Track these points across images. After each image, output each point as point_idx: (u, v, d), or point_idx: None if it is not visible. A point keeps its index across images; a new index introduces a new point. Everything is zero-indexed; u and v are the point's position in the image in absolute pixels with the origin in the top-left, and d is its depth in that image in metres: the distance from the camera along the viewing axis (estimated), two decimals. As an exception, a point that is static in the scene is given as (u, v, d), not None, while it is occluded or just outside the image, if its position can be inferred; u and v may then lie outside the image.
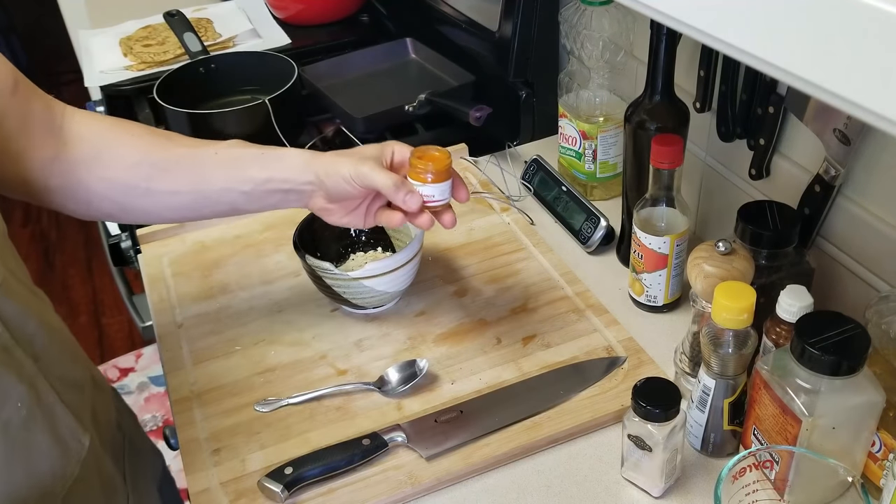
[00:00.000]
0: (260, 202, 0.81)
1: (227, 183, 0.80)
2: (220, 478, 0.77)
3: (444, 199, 0.78)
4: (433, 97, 1.24)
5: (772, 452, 0.67)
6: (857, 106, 0.34)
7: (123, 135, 0.80)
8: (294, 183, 0.79)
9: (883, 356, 0.67)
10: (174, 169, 0.79)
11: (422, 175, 0.76)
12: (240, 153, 0.81)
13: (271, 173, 0.79)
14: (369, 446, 0.77)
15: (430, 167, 0.76)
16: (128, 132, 0.80)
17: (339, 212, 0.82)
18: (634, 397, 0.70)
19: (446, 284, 0.99)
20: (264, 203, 0.82)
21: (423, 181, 0.76)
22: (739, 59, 0.40)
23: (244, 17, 1.70)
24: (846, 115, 0.72)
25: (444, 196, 0.78)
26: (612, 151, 1.09)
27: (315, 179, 0.79)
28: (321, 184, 0.79)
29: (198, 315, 0.97)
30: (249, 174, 0.79)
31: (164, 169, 0.79)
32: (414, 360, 0.86)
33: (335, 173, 0.77)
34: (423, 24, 1.47)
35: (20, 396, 0.63)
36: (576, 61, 1.10)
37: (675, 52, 0.86)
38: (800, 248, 0.81)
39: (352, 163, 0.77)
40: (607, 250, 1.04)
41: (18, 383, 0.63)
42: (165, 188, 0.79)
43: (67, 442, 0.68)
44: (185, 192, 0.80)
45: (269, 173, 0.79)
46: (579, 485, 0.76)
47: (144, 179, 0.79)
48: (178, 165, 0.79)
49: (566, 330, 0.91)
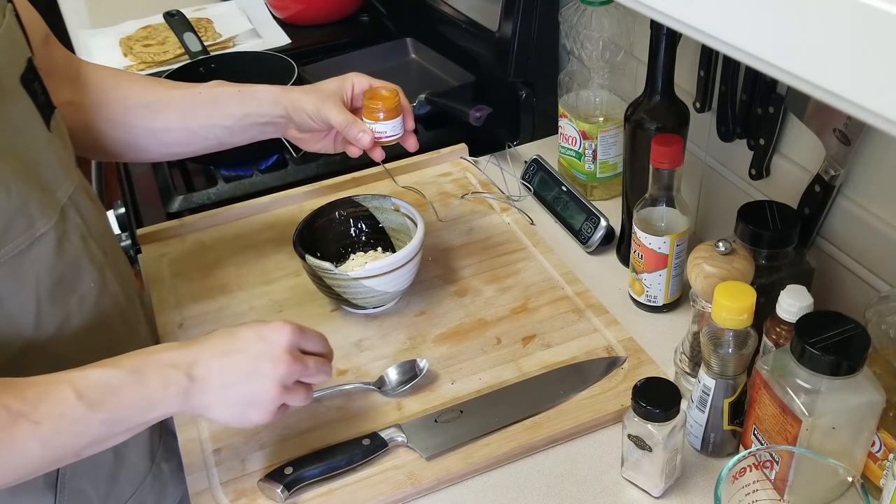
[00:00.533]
0: (241, 135, 0.91)
1: (211, 119, 0.90)
2: (220, 478, 0.77)
3: (396, 133, 0.88)
4: (433, 97, 1.24)
5: (772, 452, 0.67)
6: (857, 106, 0.34)
7: (123, 81, 0.91)
8: (269, 116, 0.89)
9: (883, 356, 0.67)
10: (165, 109, 0.89)
11: (374, 114, 0.85)
12: (219, 92, 0.91)
13: (249, 109, 0.89)
14: (369, 446, 0.77)
15: (380, 105, 0.85)
16: (127, 79, 0.92)
17: (310, 140, 0.93)
18: (634, 397, 0.70)
19: (446, 284, 0.99)
20: (246, 135, 0.92)
21: (375, 119, 0.86)
22: (739, 59, 0.40)
23: (244, 17, 1.70)
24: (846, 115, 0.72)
25: (396, 131, 0.87)
26: (612, 151, 1.09)
27: (285, 113, 0.88)
28: (290, 117, 0.88)
29: (198, 315, 0.97)
30: (229, 110, 0.89)
31: (156, 109, 0.89)
32: (414, 360, 0.86)
33: (300, 109, 0.86)
34: (423, 24, 1.47)
35: (93, 278, 0.75)
36: (576, 61, 1.10)
37: (675, 52, 0.86)
38: (800, 248, 0.81)
39: (314, 99, 0.86)
40: (607, 250, 1.04)
41: (91, 268, 0.75)
42: (159, 126, 0.90)
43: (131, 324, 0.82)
44: (176, 129, 0.90)
45: (247, 109, 0.89)
46: (579, 485, 0.76)
47: (141, 119, 0.89)
48: (169, 106, 0.90)
49: (566, 330, 0.91)
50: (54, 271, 0.71)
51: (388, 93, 0.86)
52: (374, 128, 0.86)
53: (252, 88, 0.90)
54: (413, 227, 0.94)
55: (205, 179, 1.25)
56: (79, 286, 0.74)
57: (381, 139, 0.87)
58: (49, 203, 0.71)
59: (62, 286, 0.72)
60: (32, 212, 0.68)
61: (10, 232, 0.67)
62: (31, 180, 0.69)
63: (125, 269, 0.85)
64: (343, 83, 0.89)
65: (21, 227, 0.67)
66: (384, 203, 0.99)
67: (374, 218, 1.00)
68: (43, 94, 0.74)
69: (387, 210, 0.99)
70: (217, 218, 1.12)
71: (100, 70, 0.91)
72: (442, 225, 1.09)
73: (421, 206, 1.09)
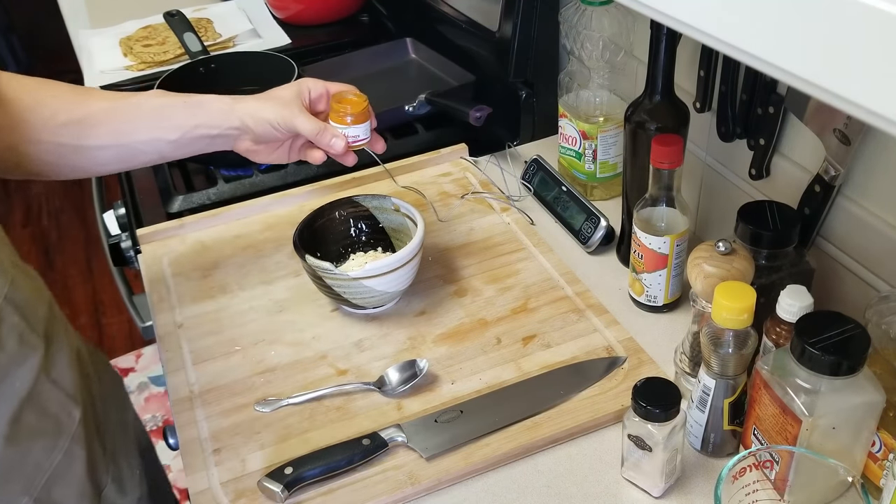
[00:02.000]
0: (186, 148, 0.85)
1: (154, 133, 0.83)
2: (220, 478, 0.77)
3: (366, 137, 0.88)
4: (433, 97, 1.24)
5: (772, 452, 0.67)
6: (857, 106, 0.34)
7: (46, 96, 0.80)
8: (221, 128, 0.84)
9: (883, 356, 0.67)
10: (99, 125, 0.81)
11: (343, 118, 0.85)
12: (163, 103, 0.84)
13: (198, 120, 0.83)
14: (369, 446, 0.77)
15: (348, 109, 0.85)
16: (50, 93, 0.81)
17: (264, 152, 0.88)
18: (634, 397, 0.70)
19: (446, 284, 0.99)
20: (191, 149, 0.86)
21: (345, 123, 0.85)
22: (739, 59, 0.40)
23: (244, 17, 1.70)
24: (846, 115, 0.72)
25: (366, 134, 0.87)
26: (612, 151, 1.09)
27: (241, 124, 0.84)
28: (247, 128, 0.84)
29: (198, 315, 0.97)
30: (176, 122, 0.83)
31: (89, 125, 0.81)
32: (414, 360, 0.86)
33: (262, 119, 0.83)
34: (423, 24, 1.47)
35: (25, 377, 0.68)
36: (576, 61, 1.10)
37: (675, 52, 0.86)
38: (800, 248, 0.81)
39: (275, 108, 0.83)
40: (607, 250, 1.04)
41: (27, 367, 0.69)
42: (92, 143, 0.81)
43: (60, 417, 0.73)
44: (113, 146, 0.82)
45: (197, 120, 0.83)
46: (579, 485, 0.76)
47: (72, 137, 0.80)
48: (103, 121, 0.81)
49: (566, 330, 0.91)
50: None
51: (355, 97, 0.86)
52: (346, 132, 0.85)
53: (199, 98, 0.85)
54: (413, 227, 0.94)
55: (205, 179, 1.25)
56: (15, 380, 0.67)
57: (354, 143, 0.87)
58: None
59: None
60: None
61: None
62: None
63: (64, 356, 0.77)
64: (300, 89, 0.86)
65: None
66: (384, 203, 0.99)
67: (374, 218, 1.00)
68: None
69: (387, 210, 0.99)
70: (217, 218, 1.12)
71: (18, 85, 0.80)
72: (442, 225, 1.09)
73: (421, 206, 1.09)
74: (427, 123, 1.29)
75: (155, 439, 2.12)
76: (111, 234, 1.23)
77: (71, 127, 0.80)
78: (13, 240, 0.72)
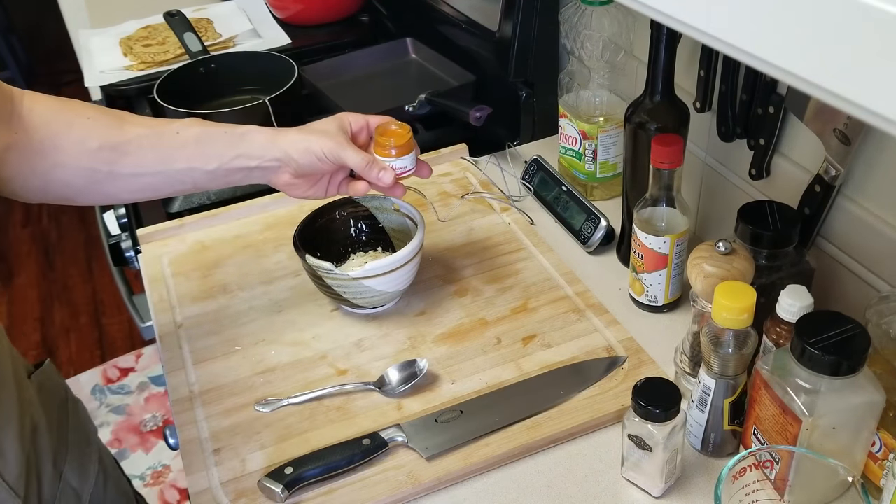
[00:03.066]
0: (222, 179, 0.82)
1: (191, 162, 0.80)
2: (221, 478, 0.77)
3: (413, 167, 0.86)
4: (433, 97, 1.24)
5: (772, 452, 0.67)
6: (857, 106, 0.34)
7: (78, 118, 0.77)
8: (262, 159, 0.81)
9: (883, 356, 0.67)
10: (136, 151, 0.79)
11: (388, 151, 0.83)
12: (202, 132, 0.81)
13: (239, 151, 0.81)
14: (369, 446, 0.77)
15: (393, 142, 0.83)
16: (82, 115, 0.78)
17: (303, 186, 0.86)
18: (634, 397, 0.70)
19: (446, 284, 0.99)
20: (227, 180, 0.83)
21: (390, 156, 0.84)
22: (739, 59, 0.40)
23: (244, 17, 1.70)
24: (846, 115, 0.72)
25: (413, 164, 0.86)
26: (612, 151, 1.09)
27: (283, 156, 0.81)
28: (290, 160, 0.81)
29: (198, 315, 0.97)
30: (216, 151, 0.80)
31: (125, 152, 0.78)
32: (414, 360, 0.86)
33: (307, 150, 0.81)
34: (423, 24, 1.47)
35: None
36: (576, 61, 1.10)
37: (675, 52, 0.86)
38: (800, 248, 0.81)
39: (322, 140, 0.81)
40: (607, 250, 1.04)
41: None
42: (128, 171, 0.79)
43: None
44: (149, 174, 0.80)
45: (237, 151, 0.81)
46: (579, 485, 0.76)
47: (106, 163, 0.78)
48: (140, 147, 0.79)
49: (566, 330, 0.91)
50: None
51: (398, 128, 0.85)
52: (393, 164, 0.84)
53: (240, 129, 0.82)
54: (413, 227, 0.94)
55: (205, 179, 1.25)
56: None
57: (401, 175, 0.85)
58: None
59: None
60: None
61: None
62: None
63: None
64: (341, 122, 0.84)
65: None
66: (384, 203, 0.99)
67: (374, 218, 1.00)
68: None
69: (387, 210, 0.99)
70: (217, 218, 1.12)
71: (46, 106, 0.77)
72: (442, 225, 1.09)
73: (421, 206, 1.09)
74: (427, 123, 1.29)
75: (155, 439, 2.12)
76: (111, 234, 1.23)
77: (104, 153, 0.77)
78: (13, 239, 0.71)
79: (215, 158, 0.81)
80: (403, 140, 0.84)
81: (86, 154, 0.77)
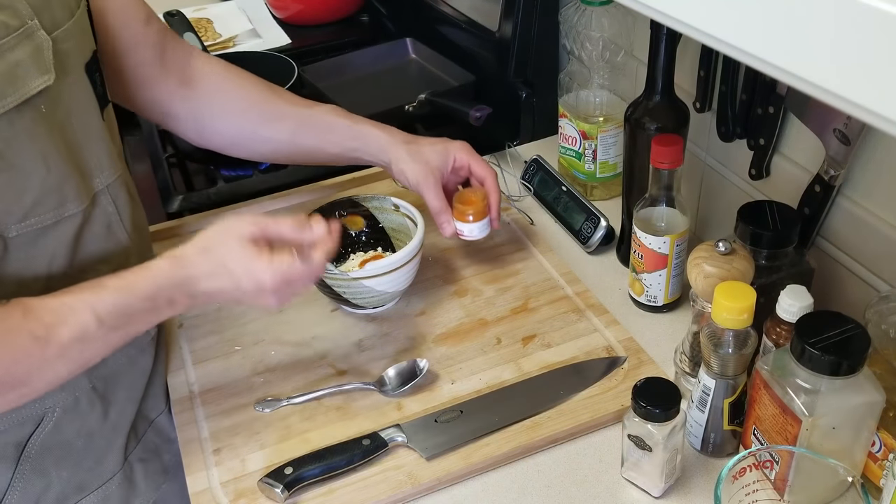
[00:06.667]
0: (341, 160, 0.98)
1: (319, 143, 0.96)
2: (220, 478, 0.77)
3: (480, 235, 0.95)
4: (433, 97, 1.24)
5: (772, 452, 0.67)
6: (857, 106, 0.34)
7: (238, 82, 0.95)
8: (374, 159, 0.96)
9: (883, 356, 0.67)
10: (277, 122, 0.95)
11: (465, 217, 0.93)
12: (333, 121, 0.95)
13: (357, 145, 0.95)
14: (369, 446, 0.77)
15: (469, 210, 0.93)
16: (242, 81, 0.95)
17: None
18: (634, 397, 0.70)
19: (446, 284, 0.99)
20: (344, 161, 0.99)
21: (465, 221, 0.93)
22: (739, 59, 0.40)
23: (244, 17, 1.70)
24: (846, 115, 0.72)
25: (482, 232, 0.94)
26: (612, 151, 1.09)
27: (388, 163, 0.94)
28: (391, 169, 0.94)
29: (198, 315, 0.97)
30: (338, 140, 0.95)
31: (268, 119, 0.94)
32: (414, 360, 0.86)
33: (402, 171, 0.92)
34: (423, 24, 1.47)
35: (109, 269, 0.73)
36: (576, 61, 1.10)
37: (675, 52, 0.86)
38: (800, 248, 0.81)
39: (417, 171, 0.91)
40: (607, 250, 1.04)
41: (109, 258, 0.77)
42: (268, 134, 0.95)
43: None
44: (283, 142, 0.95)
45: (356, 145, 0.95)
46: (579, 485, 0.76)
47: (252, 124, 0.95)
48: (281, 119, 0.95)
49: (566, 330, 0.91)
50: (70, 253, 0.73)
51: (474, 196, 0.93)
52: (464, 228, 0.94)
53: (365, 128, 0.94)
54: (413, 227, 0.94)
55: (205, 179, 1.25)
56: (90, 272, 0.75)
57: (464, 236, 0.94)
58: (84, 188, 0.73)
59: (75, 268, 0.74)
60: (67, 192, 0.71)
61: (40, 206, 0.69)
62: (72, 163, 0.71)
63: None
64: (446, 157, 0.94)
65: (51, 204, 0.70)
66: (384, 203, 0.99)
67: (374, 218, 1.00)
68: (101, 86, 0.77)
69: (387, 210, 0.99)
70: (217, 218, 1.11)
71: (212, 63, 0.95)
72: (442, 225, 1.09)
73: (421, 206, 1.09)
74: (427, 123, 1.29)
75: (155, 439, 2.12)
76: (111, 234, 1.23)
77: (252, 115, 0.94)
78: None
79: (337, 146, 0.95)
80: (478, 208, 0.93)
81: (237, 113, 0.94)
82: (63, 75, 0.69)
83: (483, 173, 0.95)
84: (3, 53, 0.63)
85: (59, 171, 0.70)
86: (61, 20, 0.70)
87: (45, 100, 0.67)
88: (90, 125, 0.74)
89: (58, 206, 0.71)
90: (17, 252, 0.70)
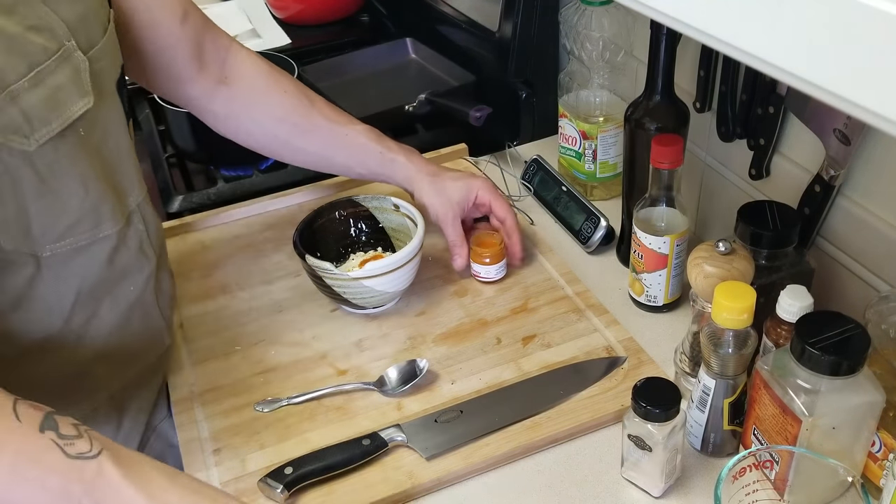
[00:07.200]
0: (364, 178, 1.02)
1: (348, 162, 0.98)
2: (220, 478, 0.77)
3: (496, 277, 0.97)
4: (433, 97, 1.24)
5: (772, 452, 0.67)
6: (857, 106, 0.34)
7: (276, 89, 0.94)
8: (399, 184, 0.99)
9: (883, 356, 0.67)
10: (310, 134, 0.95)
11: (482, 260, 0.96)
12: (366, 145, 0.96)
13: (384, 171, 0.98)
14: (369, 446, 0.77)
15: (486, 253, 0.96)
16: (280, 88, 0.94)
17: None
18: (634, 397, 0.70)
19: (446, 284, 0.99)
20: (368, 179, 1.03)
21: (481, 263, 0.96)
22: (739, 59, 0.40)
23: (244, 17, 1.70)
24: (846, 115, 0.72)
25: (498, 274, 0.97)
26: (612, 151, 1.09)
27: (412, 191, 0.97)
28: (413, 195, 0.97)
29: (198, 315, 0.97)
30: (367, 164, 0.97)
31: (303, 131, 0.95)
32: (414, 360, 0.86)
33: (424, 204, 0.95)
34: (423, 24, 1.47)
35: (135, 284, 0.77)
36: (576, 61, 1.10)
37: (675, 52, 0.86)
38: (800, 248, 0.81)
39: (439, 205, 0.95)
40: (607, 250, 1.04)
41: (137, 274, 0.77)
42: (299, 146, 0.96)
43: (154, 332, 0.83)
44: (314, 154, 0.97)
45: (383, 171, 0.97)
46: (579, 485, 0.76)
47: (285, 133, 0.95)
48: (314, 133, 0.95)
49: (566, 330, 0.91)
50: (101, 273, 0.73)
51: (493, 240, 0.97)
52: (480, 270, 0.97)
53: (392, 154, 0.96)
54: (413, 227, 0.94)
55: (205, 179, 1.25)
56: (116, 290, 0.75)
57: (480, 278, 0.98)
58: (120, 208, 0.73)
59: (102, 287, 0.74)
60: (103, 213, 0.71)
61: (77, 228, 0.69)
62: (108, 184, 0.71)
63: (166, 282, 0.85)
64: (468, 193, 0.96)
65: (88, 225, 0.70)
66: (384, 203, 0.99)
67: (374, 218, 1.00)
68: (128, 102, 0.77)
69: (387, 210, 0.99)
70: (217, 218, 1.12)
71: (251, 63, 0.94)
72: (442, 225, 1.08)
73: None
74: (427, 123, 1.29)
75: (155, 439, 2.12)
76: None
77: (286, 125, 0.94)
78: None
79: (365, 168, 0.98)
80: (493, 252, 0.96)
81: (272, 120, 0.94)
82: (99, 97, 0.68)
83: (503, 214, 0.97)
84: (44, 78, 0.62)
85: (96, 193, 0.69)
86: (96, 38, 0.69)
87: (84, 122, 0.66)
88: (122, 144, 0.74)
89: (93, 227, 0.70)
90: (49, 271, 0.69)
